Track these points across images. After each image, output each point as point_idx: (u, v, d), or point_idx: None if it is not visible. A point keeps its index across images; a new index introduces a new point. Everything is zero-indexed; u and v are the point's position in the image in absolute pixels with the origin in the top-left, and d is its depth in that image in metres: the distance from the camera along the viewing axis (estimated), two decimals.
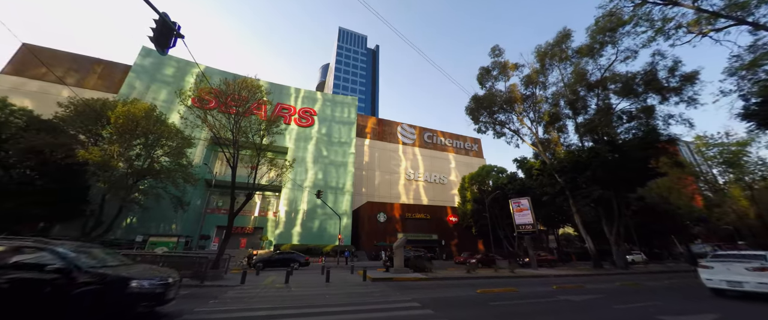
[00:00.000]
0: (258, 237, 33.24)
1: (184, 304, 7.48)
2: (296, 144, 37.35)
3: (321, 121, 40.29)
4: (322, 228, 33.59)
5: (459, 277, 15.01)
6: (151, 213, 25.78)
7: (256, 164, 16.33)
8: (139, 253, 14.63)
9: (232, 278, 12.82)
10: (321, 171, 36.95)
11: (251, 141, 16.21)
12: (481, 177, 32.84)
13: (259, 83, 17.84)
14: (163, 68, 34.25)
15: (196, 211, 30.77)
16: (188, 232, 28.20)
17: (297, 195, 34.42)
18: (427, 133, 52.74)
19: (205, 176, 30.51)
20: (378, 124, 49.81)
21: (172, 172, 22.98)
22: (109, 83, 33.14)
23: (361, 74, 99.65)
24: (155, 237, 22.90)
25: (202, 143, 30.68)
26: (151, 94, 31.83)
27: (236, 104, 15.94)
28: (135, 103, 21.51)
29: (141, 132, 20.85)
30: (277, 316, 6.43)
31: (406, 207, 36.29)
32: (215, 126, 15.76)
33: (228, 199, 17.37)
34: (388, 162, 46.52)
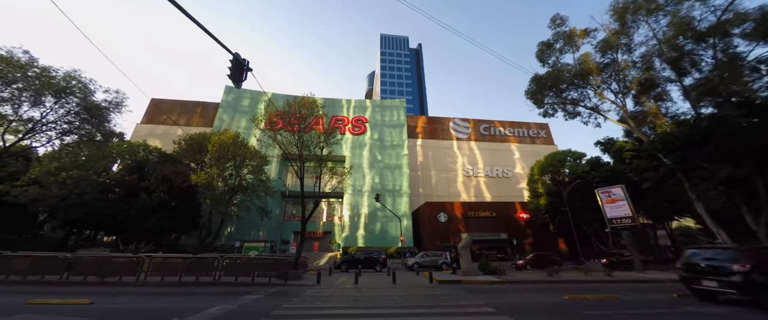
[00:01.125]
0: (328, 240, 36.14)
1: (273, 301, 8.59)
2: (352, 151, 39.49)
3: (372, 127, 41.71)
4: (383, 230, 34.49)
5: (538, 281, 13.38)
6: (243, 223, 30.74)
7: (319, 174, 17.84)
8: (238, 256, 17.52)
9: (309, 278, 14.20)
10: (377, 176, 38.12)
11: (313, 153, 17.82)
12: (553, 166, 28.77)
13: (315, 100, 19.56)
14: (242, 100, 40.79)
15: (276, 219, 35.32)
16: (272, 238, 32.56)
17: (357, 200, 36.24)
18: (483, 125, 49.21)
19: (280, 188, 34.89)
20: (428, 123, 48.87)
21: (255, 187, 27.07)
22: (206, 119, 41.15)
23: (407, 76, 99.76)
24: (248, 243, 27.21)
25: (275, 160, 35.17)
26: (235, 123, 38.24)
27: (298, 122, 17.79)
28: (224, 133, 26.19)
29: (231, 156, 25.20)
30: (351, 316, 6.80)
31: (467, 206, 34.41)
32: (283, 143, 17.89)
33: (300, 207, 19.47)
34: (443, 160, 45.04)
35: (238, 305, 7.85)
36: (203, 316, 6.52)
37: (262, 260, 14.07)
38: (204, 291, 10.34)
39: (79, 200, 20.62)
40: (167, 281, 11.76)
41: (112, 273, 12.00)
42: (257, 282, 12.03)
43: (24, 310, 6.80)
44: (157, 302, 8.18)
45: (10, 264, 12.13)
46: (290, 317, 6.56)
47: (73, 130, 21.32)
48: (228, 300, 8.46)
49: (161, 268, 12.41)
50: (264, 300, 8.74)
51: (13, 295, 8.87)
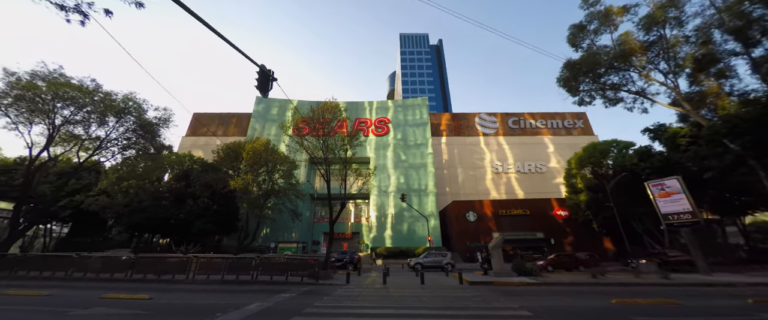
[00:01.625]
0: (356, 241, 36.79)
1: (306, 299, 8.94)
2: (376, 152, 39.83)
3: (395, 127, 41.72)
4: (411, 230, 34.27)
5: (580, 283, 12.38)
6: (277, 225, 32.46)
7: (345, 176, 18.25)
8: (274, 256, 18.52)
9: (339, 278, 14.55)
10: (402, 176, 38.02)
11: (338, 156, 18.30)
12: (594, 159, 26.41)
13: (337, 104, 20.07)
14: (271, 109, 43.18)
15: (307, 221, 36.78)
16: (303, 239, 33.96)
17: (383, 200, 36.44)
18: (512, 119, 46.78)
19: (309, 191, 36.30)
20: (452, 120, 47.67)
21: (286, 190, 28.45)
22: (241, 129, 44.19)
23: (428, 73, 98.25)
24: (282, 244, 28.69)
25: (304, 164, 36.67)
26: (266, 131, 40.58)
27: (322, 127, 18.38)
28: (257, 141, 27.90)
29: (263, 162, 26.77)
30: (380, 315, 6.84)
31: (498, 204, 32.93)
32: (310, 148, 18.60)
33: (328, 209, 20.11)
34: (470, 157, 43.61)
35: (273, 302, 8.30)
36: (243, 313, 7.00)
37: (294, 260, 14.72)
38: (243, 288, 11.07)
39: (138, 207, 23.32)
40: (212, 279, 12.81)
41: (165, 272, 13.37)
42: (291, 281, 12.62)
43: (99, 303, 7.84)
44: (203, 298, 8.94)
45: (87, 264, 14.07)
46: (321, 315, 6.78)
47: (131, 145, 24.22)
48: (265, 297, 8.98)
49: (206, 268, 13.56)
50: (297, 298, 9.14)
51: (90, 290, 10.26)
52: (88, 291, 10.16)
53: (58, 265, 14.10)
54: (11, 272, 14.10)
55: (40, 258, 15.27)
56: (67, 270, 13.78)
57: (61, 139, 21.46)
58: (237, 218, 27.73)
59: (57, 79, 19.69)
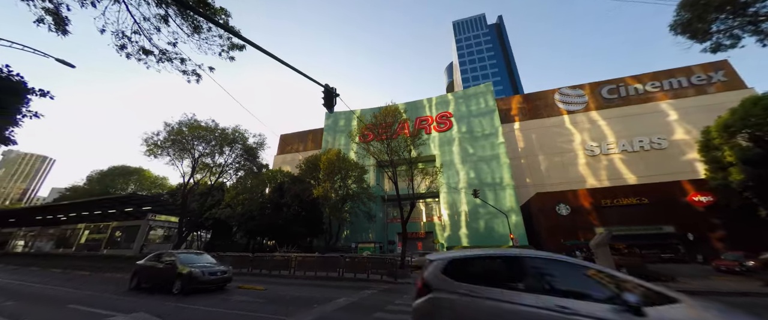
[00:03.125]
0: (431, 240, 36.42)
1: (386, 297, 9.37)
2: (441, 149, 38.68)
3: (459, 120, 39.66)
4: (488, 227, 31.78)
5: (748, 293, 9.07)
6: (355, 226, 35.15)
7: (411, 176, 18.40)
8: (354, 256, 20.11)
9: (415, 277, 14.67)
10: (472, 170, 35.74)
11: (402, 157, 18.61)
12: (753, 119, 18.91)
13: (397, 107, 20.50)
14: (339, 122, 47.36)
15: (381, 222, 38.53)
16: (379, 239, 35.69)
17: (454, 198, 34.99)
18: (606, 87, 38.20)
19: (380, 193, 38.01)
20: (525, 101, 42.20)
21: (359, 194, 30.60)
22: (316, 143, 49.97)
23: (489, 56, 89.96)
24: (362, 244, 30.94)
25: (372, 168, 38.67)
26: (336, 142, 44.70)
27: (385, 131, 19.06)
28: (329, 152, 31.04)
29: (337, 170, 29.55)
30: None
31: (599, 193, 27.26)
32: (375, 153, 19.54)
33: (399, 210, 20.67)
34: (553, 141, 37.61)
35: (358, 298, 9.01)
36: (334, 305, 7.86)
37: (374, 259, 15.62)
38: (331, 284, 12.40)
39: (250, 215, 29.11)
40: (307, 275, 14.82)
41: (274, 268, 16.18)
42: (371, 279, 13.45)
43: (238, 292, 10.11)
44: (303, 291, 10.43)
45: (223, 260, 18.31)
46: (403, 313, 6.98)
47: (241, 167, 30.42)
48: (350, 293, 9.84)
49: (302, 265, 15.77)
50: (378, 295, 9.67)
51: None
52: None
53: None
54: None
55: None
56: None
57: (200, 168, 28.72)
58: (321, 222, 31.31)
59: (192, 123, 26.56)
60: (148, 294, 9.33)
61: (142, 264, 10.80)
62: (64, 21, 6.47)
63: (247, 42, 7.54)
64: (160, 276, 9.92)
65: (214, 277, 9.73)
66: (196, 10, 7.01)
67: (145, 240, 26.12)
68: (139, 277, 10.53)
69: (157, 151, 25.53)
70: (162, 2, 7.14)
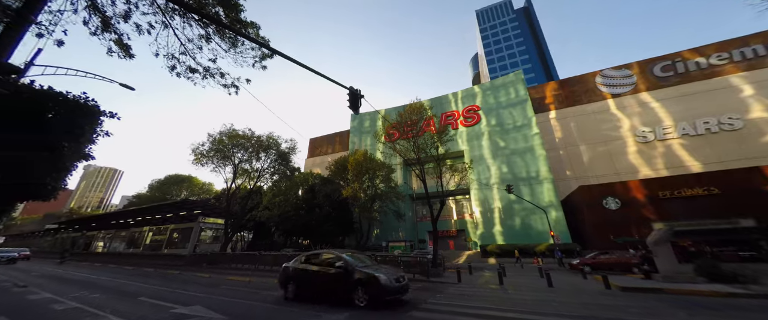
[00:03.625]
0: (463, 239, 35.40)
1: (419, 295, 9.30)
2: (469, 144, 37.39)
3: (487, 113, 38.00)
4: (525, 225, 30.00)
5: None
6: (385, 225, 35.40)
7: (439, 173, 18.03)
8: (386, 255, 20.27)
9: (449, 276, 14.36)
10: (504, 165, 34.02)
11: (430, 154, 18.32)
12: None
13: (421, 104, 20.22)
14: (364, 123, 48.06)
15: (410, 221, 38.34)
16: (409, 237, 35.53)
17: (486, 194, 33.61)
18: (659, 64, 33.93)
19: (408, 192, 37.84)
20: (560, 88, 39.09)
21: (387, 194, 30.74)
22: (344, 145, 51.25)
23: (518, 42, 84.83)
24: (392, 243, 31.06)
25: (399, 167, 38.64)
26: (363, 143, 45.41)
27: (410, 129, 18.92)
28: (356, 153, 31.60)
29: (364, 170, 30.00)
30: (501, 318, 6.30)
31: (655, 183, 24.32)
32: (402, 151, 19.47)
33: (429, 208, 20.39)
34: (596, 129, 34.37)
35: None
36: None
37: (405, 258, 15.62)
38: None
39: (286, 216, 30.75)
40: None
41: None
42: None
43: (277, 288, 10.75)
44: None
45: (264, 258, 19.58)
46: (438, 312, 6.88)
47: (276, 172, 32.29)
48: None
49: None
50: (414, 292, 9.63)
51: (267, 278, 14.23)
52: (269, 278, 14.13)
53: (250, 259, 20.35)
54: (228, 265, 21.39)
55: (241, 255, 22.48)
56: (254, 263, 19.70)
57: (240, 173, 31.04)
58: (352, 221, 32.02)
59: (231, 133, 28.81)
60: (311, 305, 7.55)
61: (296, 266, 8.64)
62: (127, 47, 7.42)
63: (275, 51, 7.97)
64: (329, 282, 7.88)
65: (399, 285, 7.50)
66: (231, 28, 7.59)
67: (197, 240, 28.94)
68: (296, 283, 8.33)
69: (202, 159, 28.09)
70: (201, 22, 7.84)
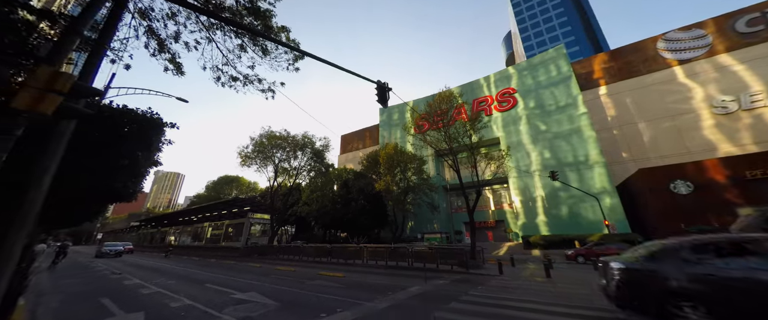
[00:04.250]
0: (502, 229, 33.82)
1: (459, 287, 9.15)
2: (505, 130, 35.18)
3: (524, 96, 35.24)
4: (573, 213, 27.54)
5: None
6: (419, 218, 35.30)
7: (474, 162, 17.31)
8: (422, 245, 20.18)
9: (489, 268, 13.87)
10: (546, 150, 31.42)
11: (462, 143, 17.66)
12: None
13: (451, 91, 19.49)
14: (393, 116, 47.95)
15: (445, 212, 37.64)
16: (445, 229, 34.97)
17: (527, 182, 31.48)
18: (745, 18, 28.01)
19: (441, 183, 37.08)
20: (612, 59, 34.55)
21: (420, 185, 30.52)
22: (374, 139, 51.82)
23: (558, 13, 76.52)
24: (428, 235, 30.88)
25: (430, 158, 37.96)
26: (392, 136, 45.42)
27: (440, 118, 18.39)
28: (387, 146, 31.74)
29: (395, 163, 30.08)
30: (550, 312, 5.94)
31: (741, 161, 20.43)
32: (433, 142, 19.06)
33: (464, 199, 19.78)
34: (659, 103, 29.84)
35: (431, 287, 9.07)
36: (407, 293, 8.11)
37: (442, 249, 15.47)
38: (402, 273, 12.79)
39: (324, 211, 32.32)
40: (378, 264, 15.67)
41: (349, 257, 17.65)
42: (442, 269, 13.32)
43: (317, 278, 11.46)
44: (376, 279, 11.09)
45: (306, 251, 20.91)
46: (480, 304, 6.72)
47: (312, 169, 33.99)
48: (421, 282, 9.97)
49: (373, 255, 16.74)
50: (450, 285, 9.53)
51: (310, 268, 15.20)
52: (312, 268, 15.11)
53: (293, 252, 21.91)
54: (275, 256, 23.28)
55: (286, 247, 24.31)
56: (298, 254, 21.15)
57: (280, 172, 33.31)
58: (386, 214, 32.49)
59: (270, 134, 30.94)
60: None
61: (636, 265, 5.24)
62: (179, 65, 8.35)
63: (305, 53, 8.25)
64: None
65: None
66: (264, 35, 8.05)
67: (248, 234, 31.99)
68: (628, 289, 5.12)
69: (247, 161, 30.68)
70: (238, 33, 8.44)
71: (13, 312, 5.07)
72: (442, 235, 29.30)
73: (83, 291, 9.17)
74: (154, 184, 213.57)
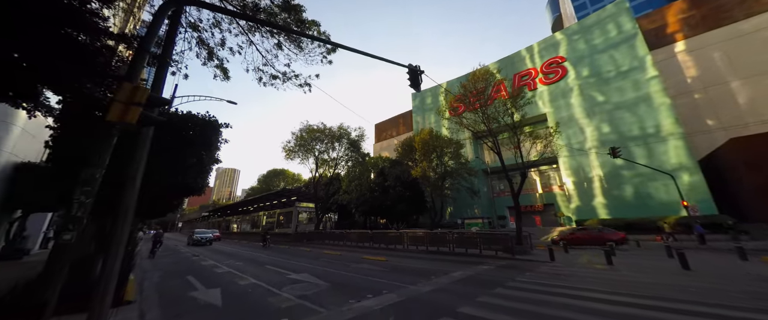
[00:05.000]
0: (551, 213, 31.38)
1: (505, 273, 8.83)
2: (553, 105, 31.78)
3: (576, 64, 31.17)
4: (640, 194, 24.19)
5: None
6: (458, 203, 34.47)
7: (517, 143, 16.10)
8: (461, 231, 19.84)
9: (539, 254, 13.07)
10: (605, 123, 27.71)
11: (503, 123, 16.48)
12: None
13: (487, 68, 18.12)
14: (426, 100, 46.62)
15: (486, 197, 36.09)
16: (486, 214, 33.67)
17: (581, 161, 28.36)
18: None
19: (481, 167, 35.45)
20: (693, 6, 28.33)
21: (458, 170, 29.61)
22: (408, 126, 51.27)
23: None
24: (468, 220, 30.16)
25: (468, 141, 36.31)
26: (426, 121, 44.36)
27: (477, 99, 17.32)
28: (421, 132, 31.18)
29: (431, 149, 29.50)
30: (611, 301, 5.41)
31: None
32: (470, 124, 18.14)
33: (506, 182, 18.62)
34: (761, 55, 23.87)
35: (474, 272, 8.92)
36: (450, 278, 8.10)
37: (485, 235, 14.99)
38: (444, 258, 12.76)
39: (363, 199, 33.51)
40: (419, 249, 15.86)
41: (389, 243, 18.17)
42: (485, 255, 12.95)
43: (362, 261, 12.07)
44: (417, 263, 11.26)
45: (350, 237, 22.05)
46: (529, 290, 6.42)
47: (349, 159, 35.19)
48: (464, 268, 9.85)
49: (413, 240, 16.97)
50: (495, 271, 9.24)
51: (354, 252, 16.04)
52: (355, 253, 15.95)
53: (338, 237, 23.31)
54: (321, 241, 25.04)
55: (331, 233, 25.97)
56: (342, 239, 22.46)
57: (320, 163, 35.18)
58: (424, 200, 32.40)
59: (308, 128, 32.62)
60: None
61: None
62: (226, 70, 9.17)
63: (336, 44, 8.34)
64: None
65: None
66: (297, 31, 8.34)
67: (297, 221, 34.87)
68: None
69: (291, 154, 32.94)
70: (273, 33, 8.89)
71: (126, 284, 6.34)
72: (483, 220, 28.37)
73: (174, 269, 11.04)
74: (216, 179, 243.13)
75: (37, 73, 4.58)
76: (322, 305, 5.60)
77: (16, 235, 13.35)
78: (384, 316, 4.88)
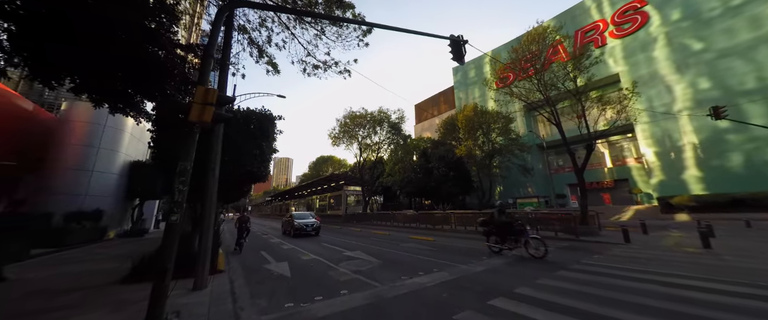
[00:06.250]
0: (625, 190, 27.31)
1: (569, 255, 8.14)
2: (628, 62, 26.57)
3: (661, 6, 25.15)
4: (754, 163, 19.28)
5: None
6: (509, 182, 32.29)
7: (581, 110, 14.09)
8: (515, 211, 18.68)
9: (609, 235, 11.65)
10: (702, 78, 22.27)
11: (564, 89, 14.50)
12: None
13: (543, 27, 15.83)
14: (468, 73, 43.44)
15: (541, 174, 32.98)
16: (542, 192, 30.92)
17: (667, 127, 23.61)
18: None
19: (535, 141, 32.26)
20: None
21: (508, 147, 27.45)
22: (449, 103, 48.85)
23: None
24: (520, 200, 28.19)
25: (519, 114, 33.11)
26: (470, 96, 41.58)
27: (530, 64, 15.45)
28: (465, 108, 29.41)
29: (476, 125, 27.76)
30: (706, 289, 4.58)
31: None
32: (521, 94, 16.40)
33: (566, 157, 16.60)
34: None
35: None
36: (503, 258, 7.81)
37: (541, 214, 13.89)
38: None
39: (407, 180, 33.80)
40: (467, 230, 15.53)
41: (436, 223, 18.18)
42: (543, 236, 12.06)
43: (410, 241, 12.39)
44: (466, 243, 11.08)
45: (396, 217, 22.69)
46: (595, 273, 5.83)
47: (391, 142, 35.44)
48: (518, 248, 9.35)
49: (461, 220, 16.66)
50: (557, 252, 8.59)
51: (403, 233, 16.50)
52: (402, 233, 16.43)
53: (384, 218, 24.22)
54: (369, 222, 26.32)
55: (378, 214, 27.08)
56: (389, 220, 23.26)
57: (364, 148, 36.26)
58: (470, 180, 31.18)
59: (350, 114, 33.57)
60: None
61: None
62: (275, 65, 9.86)
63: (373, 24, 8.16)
64: None
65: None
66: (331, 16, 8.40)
67: (346, 203, 37.13)
68: None
69: (336, 141, 34.57)
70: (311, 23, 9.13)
71: (217, 257, 7.68)
72: (539, 199, 26.22)
73: (249, 245, 12.94)
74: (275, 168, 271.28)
75: (132, 83, 5.59)
76: (376, 280, 5.97)
77: (138, 218, 17.13)
78: (438, 293, 4.99)
